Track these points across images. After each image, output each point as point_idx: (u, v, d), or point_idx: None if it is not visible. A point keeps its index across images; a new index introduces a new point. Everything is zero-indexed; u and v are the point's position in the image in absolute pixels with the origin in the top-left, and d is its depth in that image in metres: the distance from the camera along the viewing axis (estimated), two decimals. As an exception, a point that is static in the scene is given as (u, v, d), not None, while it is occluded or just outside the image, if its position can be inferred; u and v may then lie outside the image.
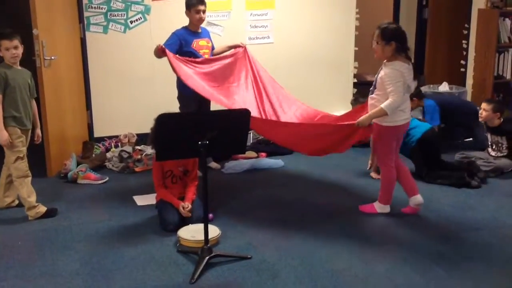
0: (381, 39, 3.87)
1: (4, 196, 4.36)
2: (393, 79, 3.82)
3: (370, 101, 4.04)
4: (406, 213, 4.22)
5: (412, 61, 4.02)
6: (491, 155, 5.16)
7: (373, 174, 5.03)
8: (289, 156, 5.65)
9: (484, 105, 5.17)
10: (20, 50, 4.09)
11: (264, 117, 4.75)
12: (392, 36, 3.85)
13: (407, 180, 4.24)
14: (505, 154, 5.11)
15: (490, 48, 6.18)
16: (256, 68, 5.04)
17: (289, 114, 4.84)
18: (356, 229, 3.96)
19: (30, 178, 4.19)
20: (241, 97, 4.85)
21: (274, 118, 4.79)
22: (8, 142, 4.03)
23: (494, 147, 5.17)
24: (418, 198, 4.21)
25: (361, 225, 4.02)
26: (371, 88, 4.09)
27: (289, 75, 6.36)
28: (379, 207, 4.25)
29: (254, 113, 4.58)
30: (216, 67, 4.89)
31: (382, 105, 3.86)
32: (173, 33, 4.87)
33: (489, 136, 5.22)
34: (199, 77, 4.72)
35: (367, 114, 3.98)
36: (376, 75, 3.99)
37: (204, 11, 4.89)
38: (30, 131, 4.26)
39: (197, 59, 4.81)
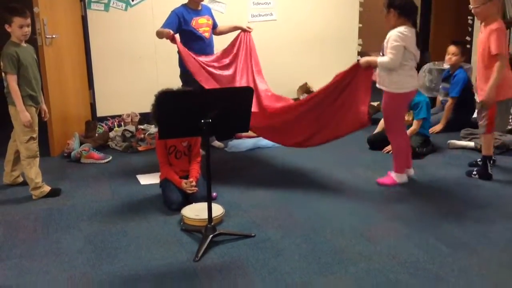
0: (387, 6, 4.05)
1: (11, 170, 4.37)
2: (394, 40, 3.96)
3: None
4: (381, 183, 4.31)
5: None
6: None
7: None
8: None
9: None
10: (30, 28, 4.06)
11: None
12: (393, 3, 4.03)
13: (402, 157, 4.34)
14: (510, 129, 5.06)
15: (496, 23, 6.09)
16: (254, 59, 4.93)
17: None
18: (359, 206, 3.95)
19: (38, 159, 4.19)
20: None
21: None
22: (30, 122, 4.03)
23: None
24: (410, 171, 4.41)
25: (365, 203, 4.01)
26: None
27: (293, 52, 6.33)
28: (397, 177, 4.32)
29: None
30: (224, 63, 4.85)
31: (378, 58, 4.02)
32: (172, 12, 4.82)
33: None
34: (205, 71, 4.68)
35: (366, 58, 4.10)
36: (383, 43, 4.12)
37: None
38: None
39: (208, 59, 4.76)
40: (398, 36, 3.96)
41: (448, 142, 5.22)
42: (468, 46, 6.64)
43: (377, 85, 4.21)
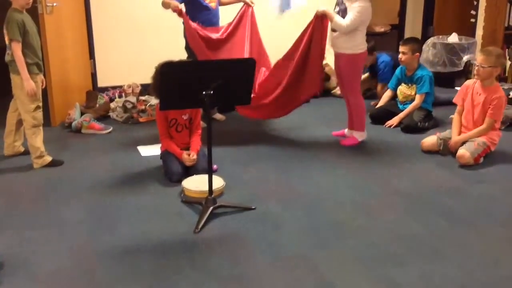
0: None
1: (13, 141, 4.36)
2: (358, 16, 4.23)
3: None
4: (346, 144, 4.59)
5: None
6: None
7: None
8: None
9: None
10: None
11: None
12: None
13: (362, 116, 4.62)
14: None
15: (502, -3, 6.02)
16: (254, 34, 4.92)
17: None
18: (360, 180, 3.95)
19: (42, 127, 4.19)
20: None
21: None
22: (34, 91, 4.00)
23: None
24: (364, 134, 4.65)
25: (365, 177, 4.01)
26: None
27: (293, 24, 6.24)
28: (359, 135, 4.62)
29: None
30: (225, 36, 4.83)
31: (336, 17, 4.28)
32: None
33: None
34: (206, 46, 4.66)
35: (325, 10, 4.33)
36: (337, 5, 4.61)
37: None
38: None
39: (213, 35, 4.74)
40: (362, 10, 4.23)
41: (451, 116, 5.18)
42: (472, 20, 6.56)
43: (332, 48, 4.48)
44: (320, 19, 4.34)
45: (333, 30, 4.40)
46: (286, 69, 4.50)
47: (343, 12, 4.45)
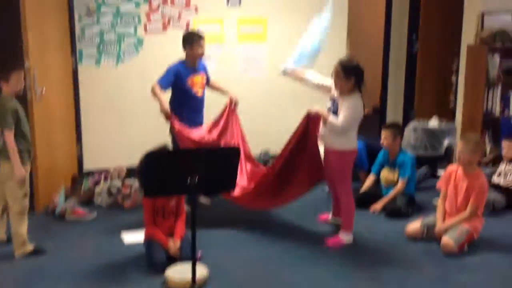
0: (343, 74, 4.18)
1: None
2: (352, 114, 4.17)
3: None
4: (331, 244, 4.36)
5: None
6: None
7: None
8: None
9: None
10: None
11: None
12: (353, 71, 4.19)
13: (352, 216, 4.46)
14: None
15: (479, 84, 6.21)
16: (242, 137, 5.08)
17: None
18: (345, 269, 3.93)
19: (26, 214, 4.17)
20: None
21: None
22: (24, 179, 4.02)
23: None
24: (350, 238, 4.42)
25: (351, 266, 3.99)
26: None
27: (281, 107, 6.39)
28: (346, 237, 4.40)
29: None
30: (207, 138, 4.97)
31: (331, 117, 4.19)
32: (169, 69, 4.86)
33: None
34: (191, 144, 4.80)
35: (319, 108, 4.28)
36: (330, 101, 4.37)
37: (204, 45, 4.96)
38: None
39: (196, 134, 4.89)
40: (355, 108, 4.18)
41: (434, 201, 5.23)
42: (452, 105, 6.76)
43: (323, 145, 4.40)
44: (313, 119, 4.29)
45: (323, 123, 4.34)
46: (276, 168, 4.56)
47: (334, 109, 4.35)
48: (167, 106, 4.72)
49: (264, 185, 4.60)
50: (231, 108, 5.07)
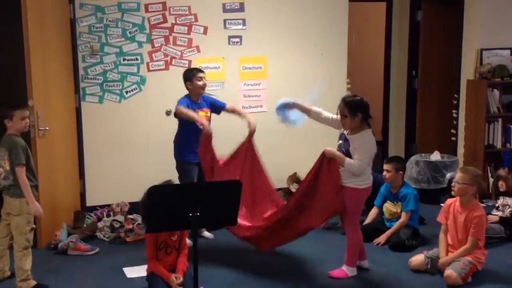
0: (348, 112, 4.15)
1: (3, 266, 4.31)
2: (367, 151, 4.14)
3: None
4: (334, 276, 4.34)
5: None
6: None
7: None
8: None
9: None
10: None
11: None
12: (358, 108, 4.16)
13: (356, 251, 4.42)
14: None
15: (480, 118, 6.27)
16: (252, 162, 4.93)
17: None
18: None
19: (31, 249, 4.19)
20: None
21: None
22: (41, 212, 4.10)
23: None
24: (366, 263, 4.48)
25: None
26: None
27: (282, 143, 6.43)
28: (349, 270, 4.36)
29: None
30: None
31: (347, 160, 4.11)
32: (180, 102, 4.96)
33: None
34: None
35: (335, 151, 4.22)
36: (340, 139, 4.32)
37: (204, 77, 5.06)
38: None
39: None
40: (368, 145, 4.15)
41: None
42: (453, 138, 6.80)
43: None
44: (328, 160, 4.23)
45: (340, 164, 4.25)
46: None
47: (346, 146, 4.28)
48: (207, 126, 4.81)
49: (278, 223, 4.42)
50: (251, 139, 4.96)
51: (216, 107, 5.24)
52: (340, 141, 4.33)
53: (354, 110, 4.14)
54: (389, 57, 7.44)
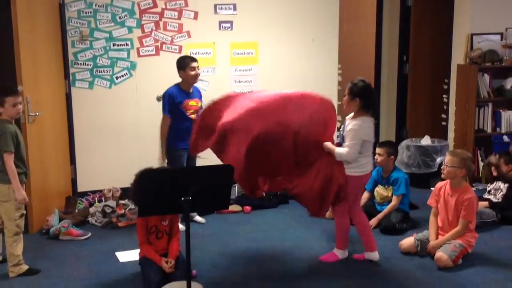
0: (348, 93, 4.14)
1: None
2: (355, 135, 4.07)
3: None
4: (324, 260, 4.37)
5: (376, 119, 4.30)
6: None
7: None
8: (274, 209, 5.67)
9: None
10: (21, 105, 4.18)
11: None
12: (358, 93, 4.12)
13: (369, 234, 4.41)
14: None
15: (470, 102, 6.31)
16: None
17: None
18: (344, 283, 3.93)
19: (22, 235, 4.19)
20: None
21: None
22: (26, 200, 4.08)
23: None
24: (376, 255, 4.36)
25: (351, 279, 3.99)
26: (338, 141, 4.28)
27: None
28: (339, 253, 4.41)
29: None
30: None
31: (336, 149, 4.09)
32: (166, 94, 5.02)
33: None
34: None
35: (328, 145, 4.14)
36: (341, 127, 4.25)
37: (198, 67, 5.06)
38: None
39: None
40: (358, 130, 4.07)
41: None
42: (443, 123, 6.83)
43: None
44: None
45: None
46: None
47: (342, 131, 4.26)
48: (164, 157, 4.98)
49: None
50: None
51: None
52: (342, 126, 4.29)
53: (354, 93, 4.12)
54: (380, 42, 7.44)
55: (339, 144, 4.20)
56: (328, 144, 4.16)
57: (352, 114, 4.22)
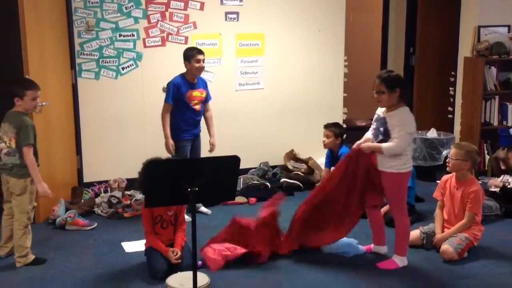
0: (386, 88, 3.91)
1: (5, 242, 4.31)
2: (405, 126, 3.89)
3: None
4: (382, 267, 4.14)
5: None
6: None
7: None
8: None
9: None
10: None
11: None
12: (396, 83, 3.94)
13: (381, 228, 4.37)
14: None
15: (477, 95, 6.28)
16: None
17: None
18: (350, 276, 3.93)
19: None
20: None
21: None
22: (48, 192, 4.11)
23: None
24: (384, 249, 4.34)
25: (353, 274, 4.00)
26: (372, 138, 4.10)
27: (279, 120, 6.44)
28: (399, 260, 4.15)
29: None
30: None
31: (383, 145, 3.92)
32: (170, 83, 5.03)
33: None
34: None
35: (369, 144, 4.04)
36: (375, 121, 4.06)
37: (203, 60, 5.05)
38: None
39: None
40: (407, 122, 3.91)
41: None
42: (449, 116, 6.81)
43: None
44: (366, 155, 4.05)
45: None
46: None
47: (379, 125, 4.05)
48: (170, 140, 4.96)
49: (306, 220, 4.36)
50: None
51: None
52: (375, 123, 4.09)
53: (392, 85, 3.90)
54: (387, 34, 7.42)
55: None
56: (367, 144, 4.04)
57: (384, 108, 4.01)
